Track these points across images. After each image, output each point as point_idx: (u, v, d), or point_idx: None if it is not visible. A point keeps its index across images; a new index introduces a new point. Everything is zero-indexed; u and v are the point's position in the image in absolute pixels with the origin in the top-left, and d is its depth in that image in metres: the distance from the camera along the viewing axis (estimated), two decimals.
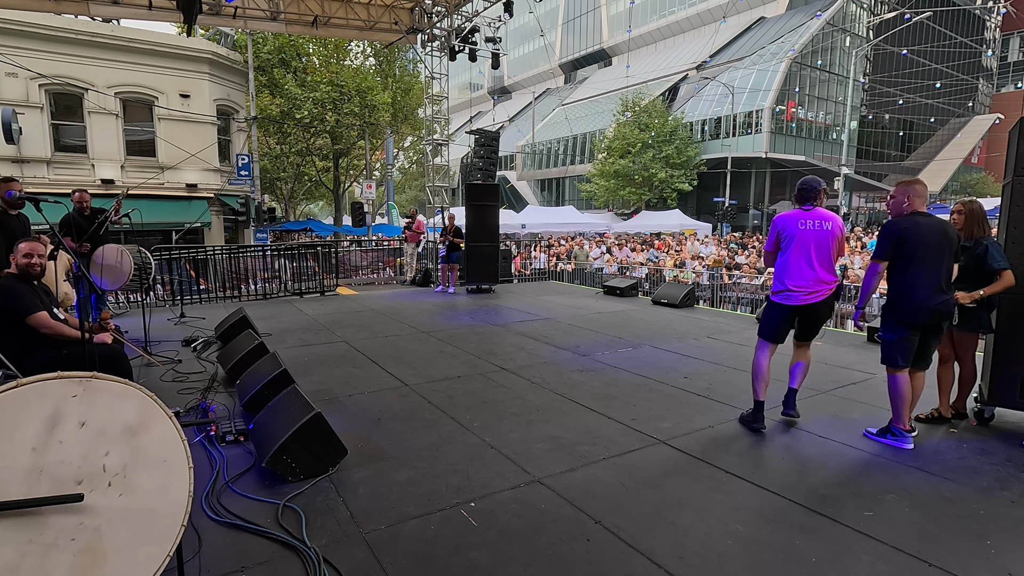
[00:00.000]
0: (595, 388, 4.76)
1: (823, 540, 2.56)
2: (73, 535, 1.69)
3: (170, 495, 1.89)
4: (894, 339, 3.53)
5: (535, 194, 49.71)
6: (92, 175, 15.15)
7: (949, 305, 3.48)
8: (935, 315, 3.45)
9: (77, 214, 6.18)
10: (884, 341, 3.60)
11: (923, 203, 3.53)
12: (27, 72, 13.74)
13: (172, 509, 1.88)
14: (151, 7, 10.58)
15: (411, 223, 13.07)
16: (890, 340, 3.55)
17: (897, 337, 3.52)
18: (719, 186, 32.45)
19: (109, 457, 1.76)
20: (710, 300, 12.07)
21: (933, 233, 3.42)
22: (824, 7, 35.13)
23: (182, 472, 1.92)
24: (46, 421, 1.69)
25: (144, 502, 1.82)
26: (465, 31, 12.95)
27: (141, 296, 7.29)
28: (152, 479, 1.85)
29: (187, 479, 1.93)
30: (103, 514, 1.74)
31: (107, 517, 1.74)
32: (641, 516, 2.76)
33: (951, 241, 3.48)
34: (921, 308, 3.43)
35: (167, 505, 1.87)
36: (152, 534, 1.83)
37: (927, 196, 3.56)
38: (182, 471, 1.92)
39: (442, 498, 2.92)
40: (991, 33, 49.94)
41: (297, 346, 6.24)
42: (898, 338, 3.51)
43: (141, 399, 1.87)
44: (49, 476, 1.68)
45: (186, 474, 1.93)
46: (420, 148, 30.15)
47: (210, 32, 19.43)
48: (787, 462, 3.36)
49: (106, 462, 1.76)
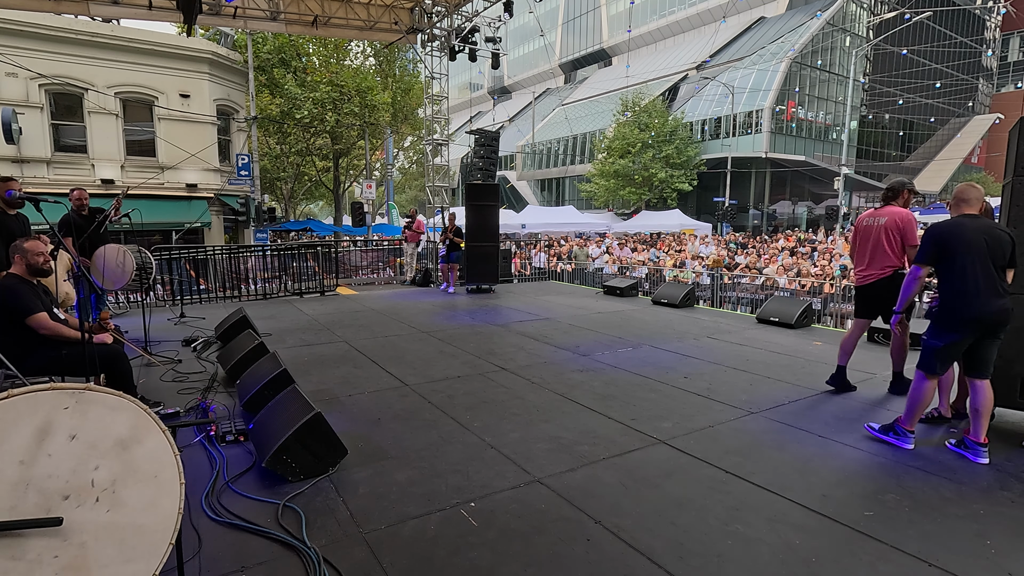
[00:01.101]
0: (595, 388, 4.76)
1: (823, 540, 2.56)
2: (57, 552, 1.64)
3: (160, 511, 1.84)
4: (939, 345, 3.38)
5: (535, 194, 49.71)
6: (92, 175, 15.16)
7: (1006, 310, 3.30)
8: (991, 322, 3.28)
9: (75, 213, 6.16)
10: (927, 346, 3.44)
11: (971, 206, 3.42)
12: (27, 72, 13.74)
13: (161, 526, 1.83)
14: (151, 7, 10.58)
15: (411, 223, 13.07)
16: (934, 346, 3.40)
17: (943, 344, 3.36)
18: (719, 186, 32.45)
19: (99, 471, 1.73)
20: (710, 300, 12.07)
21: (980, 235, 3.28)
22: (824, 7, 35.13)
23: (173, 488, 1.87)
24: (36, 433, 1.65)
25: (132, 518, 1.78)
26: (465, 31, 12.95)
27: (141, 296, 7.29)
28: (142, 495, 1.81)
29: (178, 495, 1.88)
30: (89, 530, 1.70)
31: (93, 533, 1.70)
32: (641, 516, 2.76)
33: (1002, 243, 3.31)
34: (976, 314, 3.27)
35: (156, 521, 1.83)
36: (139, 551, 1.78)
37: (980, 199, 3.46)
38: (173, 487, 1.87)
39: (442, 498, 2.92)
40: (991, 33, 49.94)
41: (297, 346, 6.24)
42: (944, 344, 3.36)
43: (135, 412, 1.83)
44: (36, 489, 1.63)
45: (177, 490, 1.88)
46: (420, 148, 30.15)
47: (210, 32, 19.43)
48: (787, 462, 3.36)
49: (95, 476, 1.72)
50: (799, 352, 6.02)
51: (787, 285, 11.51)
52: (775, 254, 16.97)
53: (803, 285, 11.39)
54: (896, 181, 4.48)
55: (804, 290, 11.17)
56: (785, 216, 36.72)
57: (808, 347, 6.29)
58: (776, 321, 7.50)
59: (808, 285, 11.29)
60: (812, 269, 12.79)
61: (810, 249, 18.03)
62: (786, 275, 12.16)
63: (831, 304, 10.48)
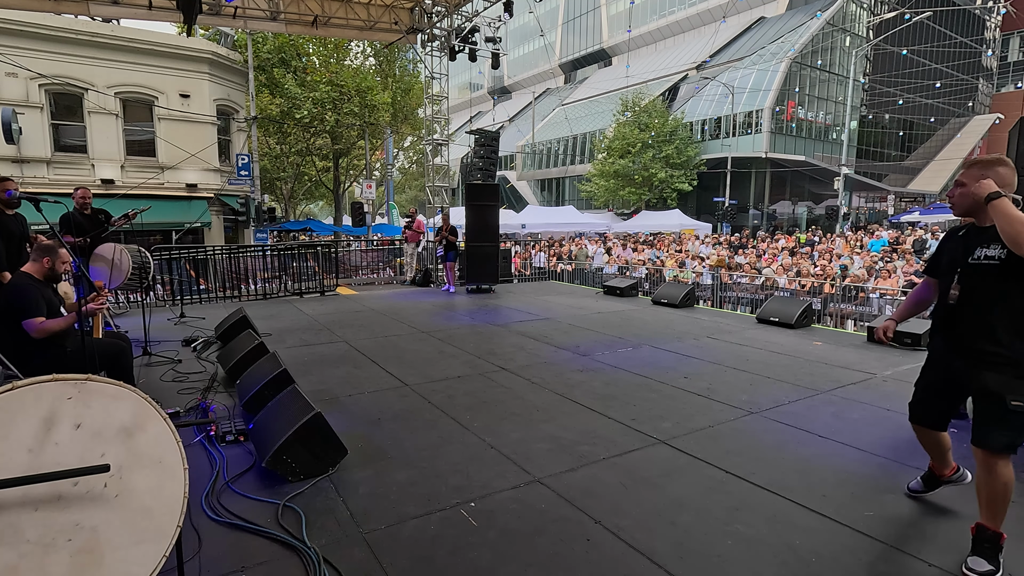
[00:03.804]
0: (595, 388, 4.76)
1: (823, 540, 2.56)
2: (70, 535, 1.69)
3: (166, 494, 1.90)
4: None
5: (535, 194, 49.69)
6: (92, 175, 15.15)
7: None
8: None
9: (78, 212, 6.17)
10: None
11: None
12: (27, 72, 13.74)
13: (169, 507, 1.90)
14: (151, 7, 10.57)
15: (411, 223, 13.07)
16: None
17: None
18: (719, 186, 32.43)
19: (105, 458, 1.78)
20: (710, 300, 12.07)
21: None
22: (824, 7, 35.11)
23: (177, 472, 1.94)
24: (42, 423, 1.70)
25: (141, 501, 1.84)
26: (465, 31, 12.94)
27: (141, 296, 7.29)
28: (148, 479, 1.87)
29: (182, 479, 1.94)
30: (100, 514, 1.75)
31: (104, 517, 1.76)
32: (641, 516, 2.76)
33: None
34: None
35: (164, 504, 1.89)
36: (149, 532, 1.84)
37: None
38: (177, 471, 1.94)
39: (442, 498, 2.92)
40: (991, 33, 49.92)
41: (297, 346, 6.23)
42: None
43: (136, 400, 1.89)
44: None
45: (181, 474, 1.94)
46: (420, 148, 30.16)
47: (210, 32, 19.42)
48: (787, 462, 3.36)
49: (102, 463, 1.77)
50: (799, 352, 6.02)
51: (787, 285, 11.51)
52: (775, 254, 16.97)
53: (803, 285, 11.39)
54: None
55: (804, 290, 11.18)
56: (785, 216, 36.71)
57: (808, 347, 6.29)
58: (776, 321, 7.50)
59: (808, 285, 11.30)
60: (812, 269, 12.79)
61: (810, 249, 18.04)
62: (786, 275, 12.16)
63: (831, 304, 10.49)
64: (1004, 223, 2.17)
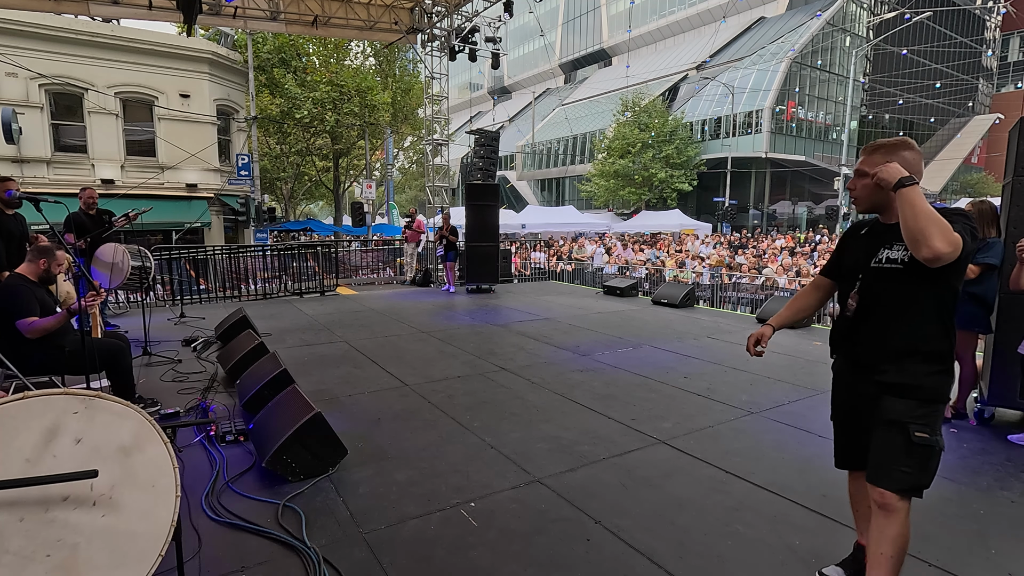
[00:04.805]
0: (595, 388, 4.76)
1: (823, 540, 2.56)
2: (50, 551, 1.67)
3: (154, 520, 1.86)
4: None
5: (535, 194, 49.69)
6: (92, 175, 15.15)
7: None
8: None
9: (83, 212, 6.18)
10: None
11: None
12: (27, 72, 13.74)
13: (154, 534, 1.86)
14: (151, 7, 10.57)
15: (411, 223, 13.07)
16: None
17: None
18: (719, 186, 32.43)
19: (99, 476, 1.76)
20: (710, 300, 12.07)
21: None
22: (824, 7, 35.11)
23: (168, 498, 1.90)
24: (44, 433, 1.70)
25: (127, 524, 1.80)
26: (465, 31, 12.93)
27: (141, 296, 7.29)
28: (138, 502, 1.84)
29: (172, 506, 1.91)
30: (84, 532, 1.72)
31: (87, 536, 1.73)
32: (641, 516, 2.76)
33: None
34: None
35: (150, 529, 1.85)
36: (130, 557, 1.80)
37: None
38: (169, 497, 1.90)
39: (442, 498, 2.92)
40: (991, 33, 49.93)
41: (297, 346, 6.23)
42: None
43: (139, 421, 1.87)
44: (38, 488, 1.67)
45: (172, 501, 1.91)
46: (420, 148, 30.14)
47: (210, 32, 19.42)
48: (787, 462, 3.36)
49: (95, 481, 1.75)
50: (799, 352, 6.02)
51: (787, 285, 11.50)
52: (775, 254, 16.97)
53: (803, 285, 11.38)
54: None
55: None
56: (785, 216, 36.71)
57: (808, 347, 6.29)
58: None
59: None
60: (812, 269, 12.79)
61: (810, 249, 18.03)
62: (786, 275, 12.16)
63: (831, 304, 10.47)
64: (909, 214, 1.78)
